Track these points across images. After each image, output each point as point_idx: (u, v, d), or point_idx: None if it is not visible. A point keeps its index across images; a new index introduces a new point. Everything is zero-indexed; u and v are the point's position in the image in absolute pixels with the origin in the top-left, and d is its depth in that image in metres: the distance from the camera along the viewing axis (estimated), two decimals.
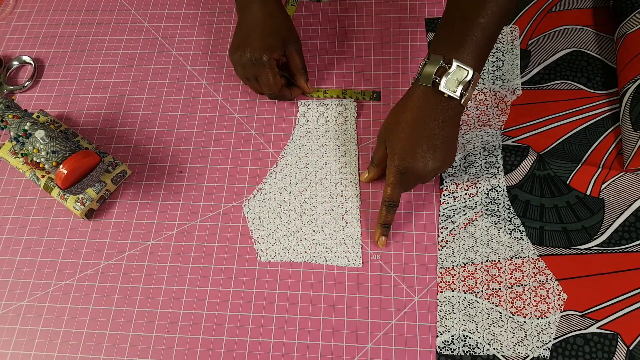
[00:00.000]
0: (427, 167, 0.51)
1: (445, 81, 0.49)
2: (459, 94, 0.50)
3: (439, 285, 0.55)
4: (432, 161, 0.51)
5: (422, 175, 0.52)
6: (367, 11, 0.72)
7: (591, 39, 0.66)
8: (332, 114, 0.64)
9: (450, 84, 0.49)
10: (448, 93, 0.49)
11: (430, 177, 0.54)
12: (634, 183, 0.58)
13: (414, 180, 0.53)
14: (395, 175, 0.52)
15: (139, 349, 0.54)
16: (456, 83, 0.49)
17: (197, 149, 0.64)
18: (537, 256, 0.56)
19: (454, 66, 0.49)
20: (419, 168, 0.51)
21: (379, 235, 0.56)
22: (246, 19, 0.60)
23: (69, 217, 0.61)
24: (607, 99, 0.63)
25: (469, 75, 0.49)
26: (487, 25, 0.49)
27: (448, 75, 0.49)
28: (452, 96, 0.50)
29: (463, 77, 0.49)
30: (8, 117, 0.56)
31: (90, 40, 0.72)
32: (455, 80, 0.49)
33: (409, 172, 0.52)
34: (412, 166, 0.51)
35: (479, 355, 0.52)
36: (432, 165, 0.51)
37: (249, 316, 0.55)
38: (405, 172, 0.52)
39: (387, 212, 0.55)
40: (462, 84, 0.49)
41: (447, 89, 0.49)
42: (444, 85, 0.49)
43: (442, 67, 0.49)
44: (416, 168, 0.51)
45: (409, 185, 0.55)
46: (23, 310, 0.57)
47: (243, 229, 0.59)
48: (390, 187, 0.53)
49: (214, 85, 0.68)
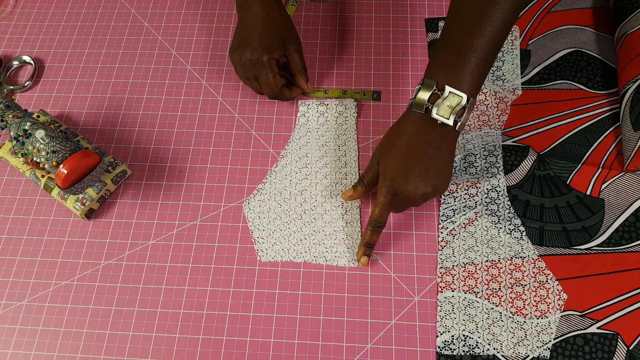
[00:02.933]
0: (418, 190, 0.51)
1: (437, 109, 0.48)
2: (452, 121, 0.48)
3: (439, 285, 0.55)
4: (424, 185, 0.50)
5: (413, 199, 0.51)
6: (367, 11, 0.72)
7: (591, 39, 0.67)
8: (332, 114, 0.64)
9: (443, 111, 0.48)
10: (441, 120, 0.48)
11: (421, 201, 0.53)
12: (634, 183, 0.58)
13: (404, 202, 0.52)
14: (385, 195, 0.51)
15: (139, 349, 0.54)
16: (449, 110, 0.48)
17: (197, 149, 0.64)
18: (537, 256, 0.56)
19: (446, 92, 0.48)
20: (410, 191, 0.50)
21: (362, 254, 0.55)
22: (246, 19, 0.60)
23: (69, 217, 0.61)
24: (607, 99, 0.63)
25: (462, 101, 0.48)
26: (483, 48, 0.48)
27: (441, 103, 0.48)
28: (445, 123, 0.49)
29: (456, 103, 0.48)
30: (8, 117, 0.56)
31: (90, 40, 0.72)
32: (449, 107, 0.48)
33: (399, 194, 0.51)
34: (403, 189, 0.50)
35: (479, 355, 0.52)
36: (424, 189, 0.51)
37: (249, 316, 0.55)
38: (396, 193, 0.51)
39: (372, 233, 0.54)
40: (455, 112, 0.48)
41: (440, 116, 0.48)
42: (436, 113, 0.48)
43: (435, 94, 0.48)
44: (407, 191, 0.50)
45: (398, 207, 0.54)
46: (23, 310, 0.57)
47: (243, 229, 0.59)
48: (379, 208, 0.52)
49: (214, 85, 0.68)
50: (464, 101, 0.48)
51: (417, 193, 0.51)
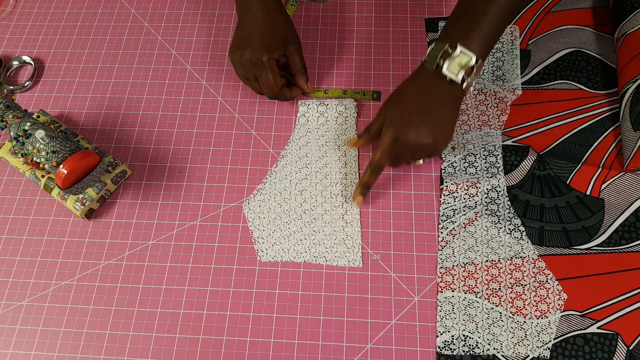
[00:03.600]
0: (419, 140, 0.53)
1: (447, 64, 0.51)
2: (460, 77, 0.51)
3: (439, 285, 0.55)
4: (425, 136, 0.53)
5: (413, 147, 0.53)
6: (367, 11, 0.72)
7: (591, 39, 0.67)
8: (332, 114, 0.64)
9: (453, 67, 0.51)
10: (449, 76, 0.51)
11: (420, 154, 0.55)
12: (634, 183, 0.58)
13: (404, 150, 0.54)
14: (388, 140, 0.54)
15: (139, 349, 0.54)
16: (459, 68, 0.50)
17: (197, 149, 0.64)
18: (537, 256, 0.56)
19: (457, 50, 0.50)
20: (411, 138, 0.53)
21: (358, 194, 0.58)
22: (246, 19, 0.60)
23: (69, 217, 0.61)
24: (607, 99, 0.63)
25: (471, 61, 0.50)
26: (496, 16, 0.51)
27: (451, 59, 0.51)
28: (453, 80, 0.51)
29: (466, 62, 0.50)
30: (8, 117, 0.56)
31: (90, 40, 0.72)
32: (459, 65, 0.50)
33: (400, 139, 0.53)
34: (405, 135, 0.53)
35: (479, 355, 0.52)
36: (424, 140, 0.53)
37: (249, 316, 0.55)
38: (398, 139, 0.53)
39: (371, 174, 0.57)
40: (464, 70, 0.50)
41: (449, 71, 0.51)
42: (446, 68, 0.51)
43: (446, 52, 0.51)
44: (408, 137, 0.53)
45: (399, 154, 0.55)
46: (23, 310, 0.57)
47: (243, 229, 0.59)
48: (380, 151, 0.55)
49: (214, 85, 0.68)
50: (473, 61, 0.50)
51: (418, 142, 0.53)
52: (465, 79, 0.51)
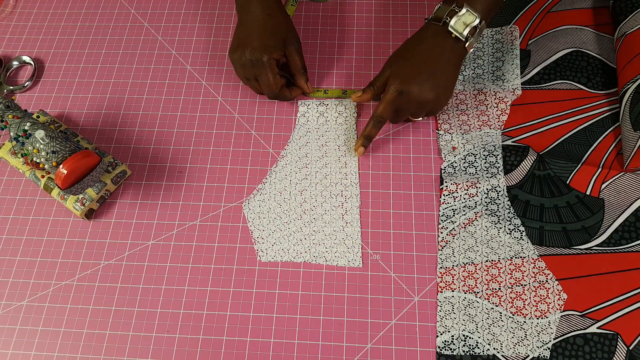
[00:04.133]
0: (422, 94, 0.55)
1: (454, 21, 0.54)
2: (465, 35, 0.54)
3: (439, 285, 0.55)
4: (428, 90, 0.55)
5: (415, 101, 0.56)
6: (367, 11, 0.72)
7: (591, 39, 0.66)
8: (332, 114, 0.64)
9: (458, 25, 0.54)
10: (455, 33, 0.54)
11: (421, 109, 0.58)
12: (634, 183, 0.58)
13: (407, 104, 0.57)
14: (392, 93, 0.56)
15: (139, 349, 0.54)
16: (464, 26, 0.54)
17: (197, 149, 0.64)
18: (537, 256, 0.56)
19: (463, 10, 0.54)
20: (414, 92, 0.55)
21: (359, 145, 0.60)
22: (246, 19, 0.60)
23: (69, 217, 0.61)
24: (607, 99, 0.63)
25: (475, 21, 0.54)
26: None
27: (457, 17, 0.54)
28: (458, 38, 0.54)
29: (470, 21, 0.54)
30: (8, 117, 0.56)
31: (90, 40, 0.72)
32: (463, 23, 0.54)
33: (404, 93, 0.56)
34: (409, 88, 0.55)
35: (479, 355, 0.52)
36: (427, 94, 0.55)
37: (249, 316, 0.55)
38: (401, 92, 0.56)
39: (373, 126, 0.59)
40: (469, 27, 0.54)
41: (455, 28, 0.54)
42: (453, 25, 0.54)
43: (453, 10, 0.55)
44: (412, 91, 0.55)
45: (401, 108, 0.57)
46: (23, 310, 0.57)
47: (243, 229, 0.59)
48: (384, 104, 0.57)
49: (214, 85, 0.68)
50: (477, 21, 0.54)
51: (421, 96, 0.56)
52: (469, 38, 0.54)
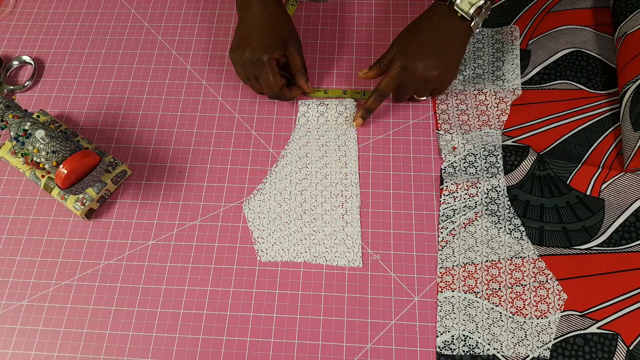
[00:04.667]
0: (427, 72, 0.56)
1: (460, 0, 0.55)
2: (471, 13, 0.55)
3: (439, 285, 0.55)
4: (432, 67, 0.56)
5: (419, 77, 0.57)
6: (367, 11, 0.72)
7: (591, 39, 0.67)
8: (332, 114, 0.64)
9: (464, 4, 0.55)
10: (461, 12, 0.55)
11: (425, 86, 0.59)
12: (634, 183, 0.58)
13: (410, 81, 0.58)
14: (396, 69, 0.57)
15: (139, 349, 0.54)
16: (469, 5, 0.55)
17: (197, 149, 0.64)
18: (537, 256, 0.56)
19: None
20: (419, 68, 0.56)
21: (358, 116, 0.62)
22: (246, 18, 0.60)
23: (69, 217, 0.61)
24: (607, 99, 0.63)
25: (481, 0, 0.55)
26: None
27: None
28: (464, 17, 0.55)
29: (476, 0, 0.55)
30: (8, 117, 0.56)
31: (90, 40, 0.72)
32: (469, 3, 0.55)
33: (408, 69, 0.56)
34: (413, 64, 0.56)
35: (479, 355, 0.52)
36: (432, 71, 0.56)
37: (249, 316, 0.55)
38: (406, 68, 0.56)
39: (375, 100, 0.60)
40: (475, 7, 0.55)
41: (461, 8, 0.55)
42: (458, 4, 0.55)
43: None
44: (416, 67, 0.56)
45: (404, 83, 0.59)
46: (23, 310, 0.57)
47: (243, 229, 0.59)
48: (387, 79, 0.58)
49: (214, 85, 0.68)
50: (482, 1, 0.55)
51: (425, 73, 0.57)
52: (474, 17, 0.55)
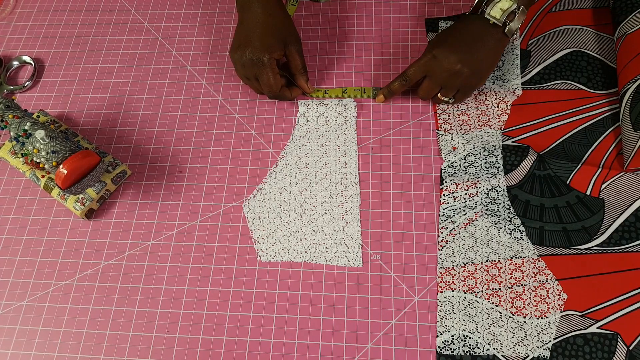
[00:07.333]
0: (456, 65, 0.56)
1: (490, 8, 0.56)
2: (502, 21, 0.56)
3: (439, 285, 0.55)
4: (462, 63, 0.56)
5: (447, 70, 0.57)
6: (367, 11, 0.72)
7: (591, 39, 0.67)
8: (332, 114, 0.64)
9: (495, 11, 0.56)
10: (492, 20, 0.56)
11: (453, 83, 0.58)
12: (634, 183, 0.58)
13: (438, 72, 0.57)
14: (426, 56, 0.58)
15: (139, 349, 0.54)
16: (500, 12, 0.56)
17: (197, 149, 0.64)
18: (537, 256, 0.56)
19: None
20: (450, 60, 0.56)
21: (381, 94, 0.63)
22: (247, 18, 0.60)
23: (69, 217, 0.61)
24: (607, 99, 0.63)
25: (512, 6, 0.55)
26: None
27: (493, 4, 0.56)
28: (496, 23, 0.56)
29: (507, 7, 0.55)
30: (8, 117, 0.56)
31: (90, 40, 0.72)
32: (500, 9, 0.56)
33: (438, 58, 0.57)
34: (444, 55, 0.56)
35: (479, 355, 0.52)
36: (460, 66, 0.56)
37: (249, 316, 0.55)
38: (435, 56, 0.57)
39: (399, 83, 0.61)
40: (505, 14, 0.55)
41: (492, 16, 0.56)
42: (489, 12, 0.56)
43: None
44: (447, 58, 0.56)
45: (432, 74, 0.58)
46: (23, 310, 0.57)
47: (243, 229, 0.59)
48: (416, 66, 0.59)
49: (214, 85, 0.68)
50: (514, 6, 0.55)
51: (455, 67, 0.56)
52: (507, 24, 0.56)
